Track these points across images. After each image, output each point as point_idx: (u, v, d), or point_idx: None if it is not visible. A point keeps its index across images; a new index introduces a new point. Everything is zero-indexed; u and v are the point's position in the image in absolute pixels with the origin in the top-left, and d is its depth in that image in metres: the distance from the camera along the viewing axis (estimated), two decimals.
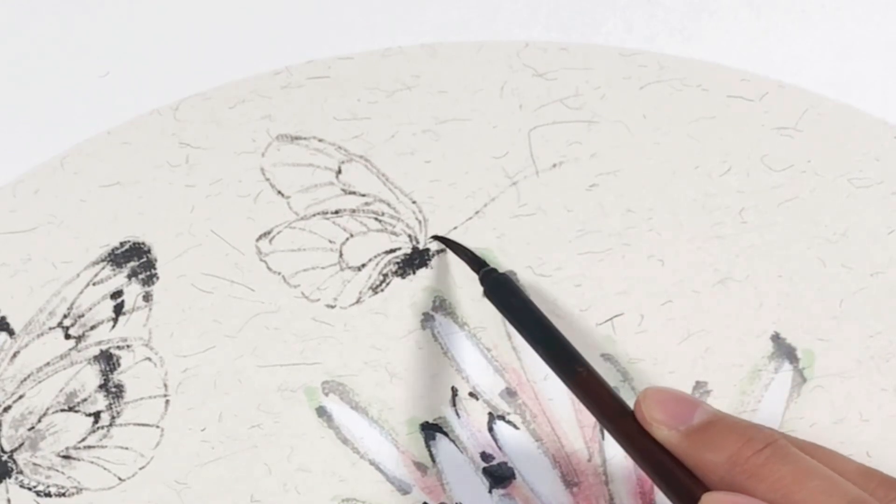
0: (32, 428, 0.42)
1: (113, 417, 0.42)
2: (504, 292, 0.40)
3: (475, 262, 0.41)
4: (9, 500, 0.41)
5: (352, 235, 0.43)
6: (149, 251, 0.43)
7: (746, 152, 0.44)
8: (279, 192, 0.44)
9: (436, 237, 0.43)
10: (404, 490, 0.41)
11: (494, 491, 0.41)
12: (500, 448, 0.41)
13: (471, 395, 0.42)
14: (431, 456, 0.41)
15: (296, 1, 0.46)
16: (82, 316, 0.42)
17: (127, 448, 0.41)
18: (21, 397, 0.42)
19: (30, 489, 0.41)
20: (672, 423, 0.33)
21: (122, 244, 0.43)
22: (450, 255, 0.43)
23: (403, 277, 0.43)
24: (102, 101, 0.45)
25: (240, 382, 0.42)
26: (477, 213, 0.43)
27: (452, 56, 0.45)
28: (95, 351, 0.42)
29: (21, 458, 0.41)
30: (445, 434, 0.41)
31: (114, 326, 0.42)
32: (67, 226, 0.43)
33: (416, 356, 0.42)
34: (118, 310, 0.43)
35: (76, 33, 0.45)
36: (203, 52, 0.45)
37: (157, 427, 0.42)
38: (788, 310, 0.42)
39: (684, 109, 0.44)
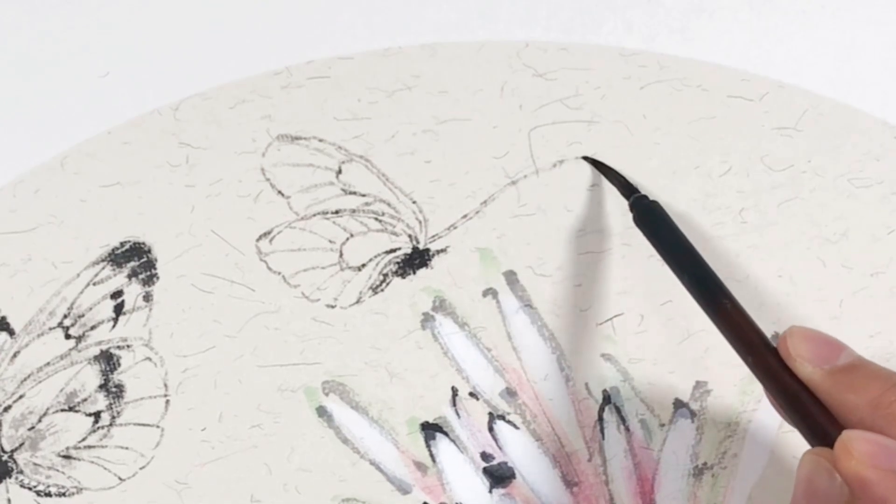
0: (33, 428, 0.42)
1: (113, 417, 0.42)
2: (654, 220, 0.40)
3: (626, 187, 0.42)
4: (9, 500, 0.41)
5: (352, 235, 0.43)
6: (149, 251, 0.43)
7: (746, 152, 0.44)
8: (279, 192, 0.44)
9: (586, 158, 0.43)
10: (404, 490, 0.41)
11: (494, 491, 0.41)
12: (500, 448, 0.41)
13: (471, 395, 0.42)
14: (431, 456, 0.41)
15: (296, 1, 0.46)
16: (82, 316, 0.42)
17: (127, 448, 0.41)
18: (21, 397, 0.42)
19: (30, 489, 0.41)
20: (817, 360, 0.33)
21: (122, 244, 0.43)
22: (450, 255, 0.43)
23: (403, 277, 0.43)
24: (102, 101, 0.45)
25: (240, 382, 0.42)
26: (477, 213, 0.43)
27: (452, 56, 0.45)
28: (95, 351, 0.42)
29: (21, 457, 0.41)
30: (445, 434, 0.41)
31: (114, 326, 0.42)
32: (67, 226, 0.43)
33: (416, 356, 0.42)
34: (118, 310, 0.43)
35: (76, 33, 0.45)
36: (203, 52, 0.45)
37: (158, 427, 0.42)
38: (788, 310, 0.42)
39: (684, 109, 0.44)
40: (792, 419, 0.34)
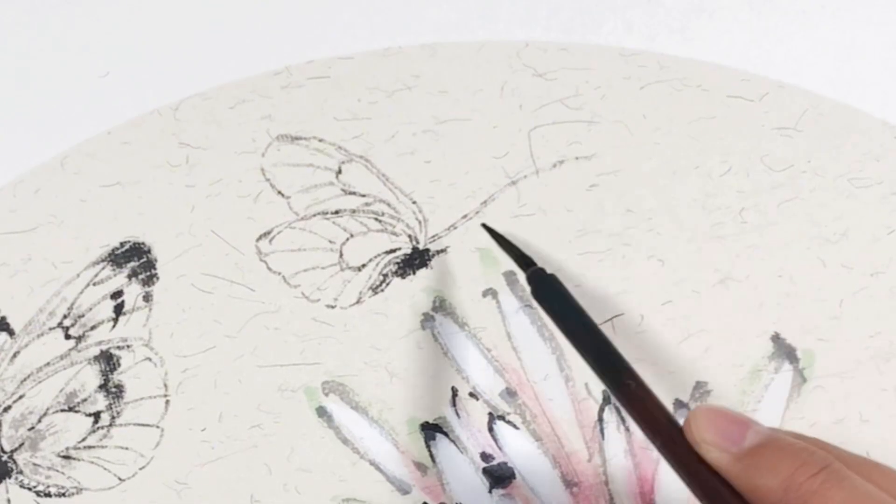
0: (32, 428, 0.42)
1: (113, 417, 0.42)
2: (551, 294, 0.39)
3: (522, 260, 0.40)
4: (9, 500, 0.41)
5: (352, 235, 0.43)
6: (149, 251, 0.43)
7: (746, 152, 0.44)
8: (279, 193, 0.44)
9: (485, 226, 0.42)
10: (404, 490, 0.41)
11: (494, 491, 0.41)
12: (500, 448, 0.41)
13: (471, 395, 0.42)
14: (431, 456, 0.41)
15: (296, 1, 0.46)
16: (82, 316, 0.42)
17: (127, 448, 0.41)
18: (21, 397, 0.42)
19: (30, 489, 0.41)
20: (723, 444, 0.32)
21: (122, 244, 0.43)
22: (450, 255, 0.43)
23: (403, 277, 0.43)
24: (102, 101, 0.45)
25: (240, 382, 0.42)
26: (477, 213, 0.43)
27: (452, 56, 0.45)
28: (95, 351, 0.42)
29: (21, 458, 0.41)
30: (445, 434, 0.41)
31: (114, 326, 0.42)
32: (67, 226, 0.43)
33: (416, 356, 0.42)
34: (118, 310, 0.43)
35: (76, 33, 0.45)
36: (203, 52, 0.45)
37: (157, 427, 0.42)
38: (788, 310, 0.42)
39: (684, 109, 0.44)
40: None
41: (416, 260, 0.43)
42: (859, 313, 0.42)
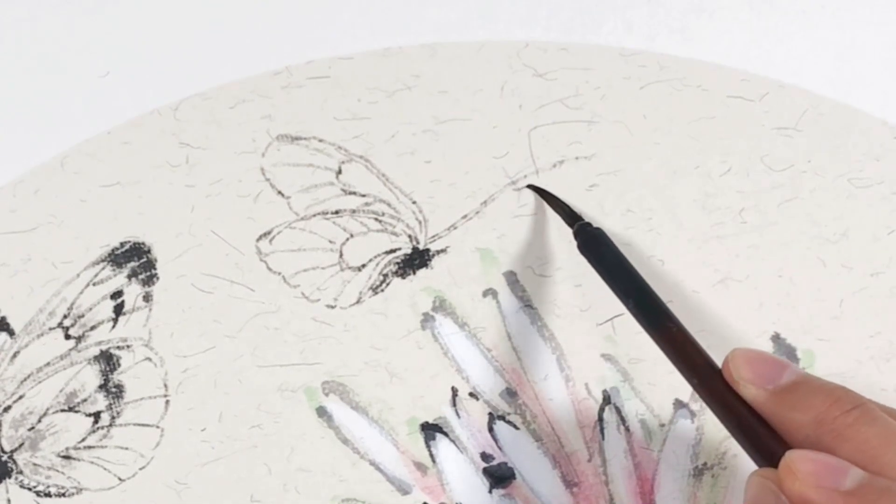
0: (32, 428, 0.42)
1: (113, 417, 0.42)
2: (598, 247, 0.41)
3: (570, 215, 0.42)
4: (9, 501, 0.41)
5: (352, 236, 0.43)
6: (149, 251, 0.43)
7: (746, 152, 0.44)
8: (279, 193, 0.44)
9: (530, 186, 0.43)
10: (404, 490, 0.41)
11: (494, 491, 0.41)
12: (500, 448, 0.41)
13: (471, 395, 0.42)
14: (431, 456, 0.41)
15: (296, 1, 0.46)
16: (82, 316, 0.42)
17: (127, 448, 0.41)
18: (21, 397, 0.42)
19: (30, 489, 0.41)
20: (760, 381, 0.33)
21: (122, 244, 0.43)
22: (450, 255, 0.43)
23: (403, 277, 0.43)
24: (102, 101, 0.45)
25: (240, 382, 0.42)
26: (477, 213, 0.43)
27: (452, 56, 0.45)
28: (95, 351, 0.42)
29: (21, 458, 0.41)
30: (445, 434, 0.41)
31: (114, 327, 0.42)
32: (67, 226, 0.43)
33: (416, 356, 0.42)
34: (118, 310, 0.42)
35: (76, 33, 0.45)
36: (203, 52, 0.45)
37: (157, 427, 0.42)
38: (788, 310, 0.42)
39: (684, 109, 0.44)
40: (741, 441, 0.34)
41: (416, 260, 0.43)
42: (859, 313, 0.42)
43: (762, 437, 0.33)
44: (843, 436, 0.31)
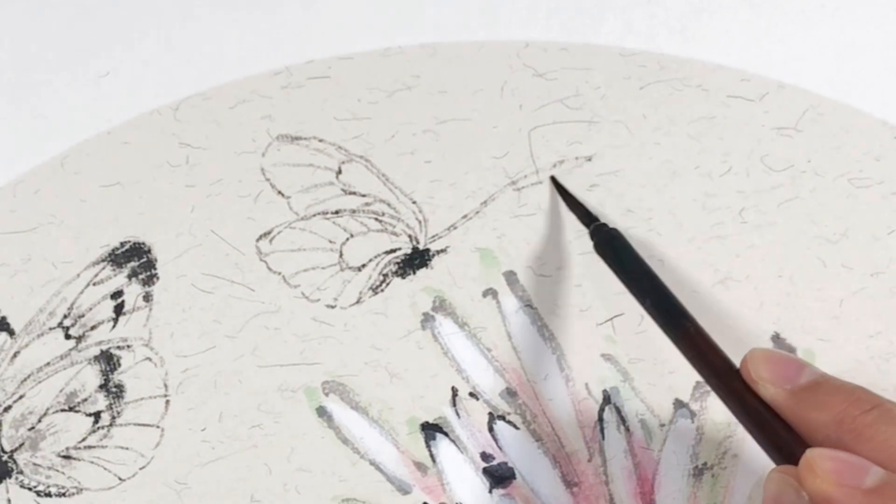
0: (33, 428, 0.42)
1: (113, 417, 0.42)
2: (614, 247, 0.41)
3: (586, 216, 0.42)
4: (9, 500, 0.41)
5: (352, 235, 0.43)
6: (149, 251, 0.43)
7: (746, 152, 0.44)
8: (279, 192, 0.44)
9: (553, 179, 0.43)
10: (404, 490, 0.41)
11: (494, 491, 0.41)
12: (500, 448, 0.41)
13: (471, 395, 0.42)
14: (431, 456, 0.41)
15: (296, 1, 0.46)
16: (82, 316, 0.42)
17: (127, 448, 0.41)
18: (21, 397, 0.42)
19: (30, 489, 0.41)
20: (778, 381, 0.34)
21: (122, 244, 0.43)
22: (450, 255, 0.43)
23: (403, 277, 0.43)
24: (102, 101, 0.45)
25: (240, 382, 0.42)
26: (477, 213, 0.43)
27: (452, 56, 0.45)
28: (96, 351, 0.42)
29: (21, 458, 0.41)
30: (445, 434, 0.41)
31: (114, 326, 0.42)
32: (67, 226, 0.43)
33: (416, 356, 0.42)
34: (118, 310, 0.43)
35: (76, 33, 0.45)
36: (203, 52, 0.45)
37: (158, 427, 0.42)
38: (788, 310, 0.42)
39: (684, 109, 0.44)
40: (760, 441, 0.34)
41: (416, 260, 0.43)
42: (859, 313, 0.42)
43: (781, 436, 0.33)
44: (862, 435, 0.32)
